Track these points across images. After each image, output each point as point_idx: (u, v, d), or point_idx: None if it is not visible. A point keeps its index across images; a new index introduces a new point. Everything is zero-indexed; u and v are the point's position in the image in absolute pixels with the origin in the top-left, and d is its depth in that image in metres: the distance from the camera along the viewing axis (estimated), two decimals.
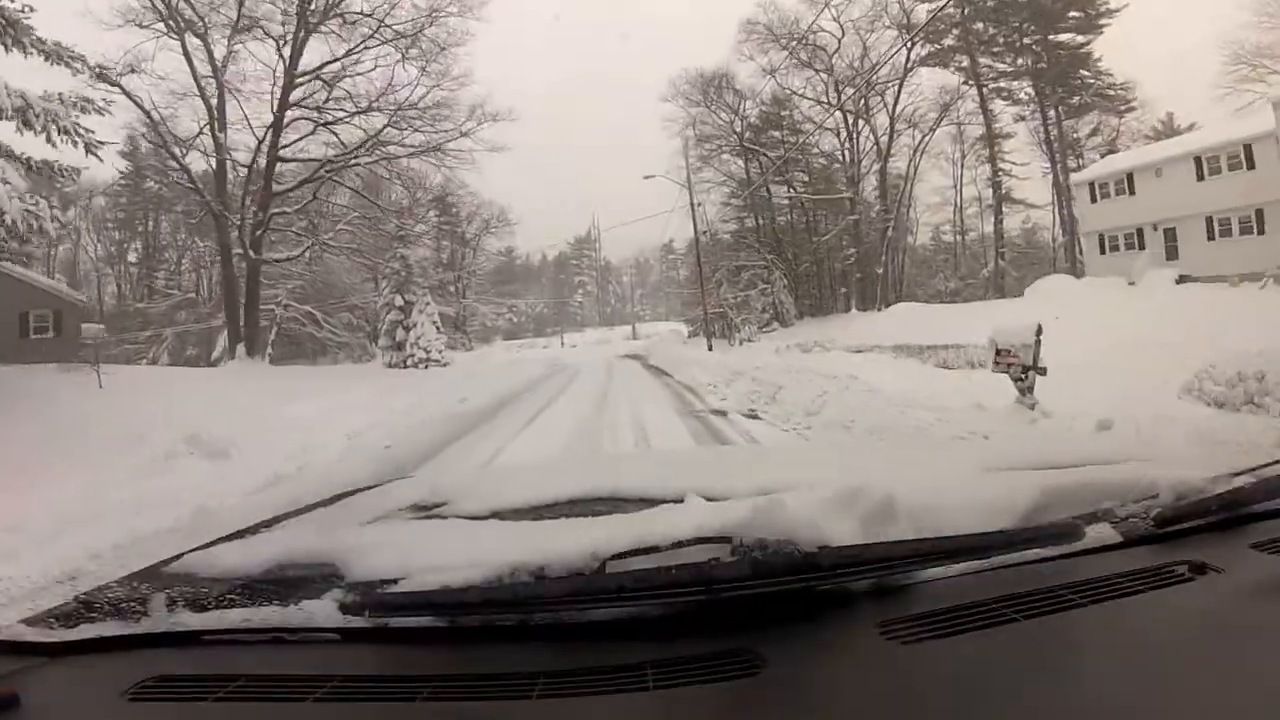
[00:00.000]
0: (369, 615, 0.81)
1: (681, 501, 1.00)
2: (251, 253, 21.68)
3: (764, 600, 0.76)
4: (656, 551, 0.81)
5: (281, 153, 22.88)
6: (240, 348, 21.36)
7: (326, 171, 23.23)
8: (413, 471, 6.37)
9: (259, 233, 21.96)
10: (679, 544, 0.81)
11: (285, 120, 22.63)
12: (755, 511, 0.81)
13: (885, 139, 32.93)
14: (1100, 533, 0.90)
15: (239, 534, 1.29)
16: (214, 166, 22.23)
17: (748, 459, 2.00)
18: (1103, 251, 24.33)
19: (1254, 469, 1.01)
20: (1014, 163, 33.62)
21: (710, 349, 26.91)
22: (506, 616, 0.80)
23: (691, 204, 29.52)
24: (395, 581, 0.83)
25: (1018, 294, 26.26)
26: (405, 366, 26.72)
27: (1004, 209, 33.60)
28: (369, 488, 1.71)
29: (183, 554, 1.12)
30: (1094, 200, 24.64)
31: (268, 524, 1.39)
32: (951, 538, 0.83)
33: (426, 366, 26.57)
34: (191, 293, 37.70)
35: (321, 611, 0.81)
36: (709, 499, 0.99)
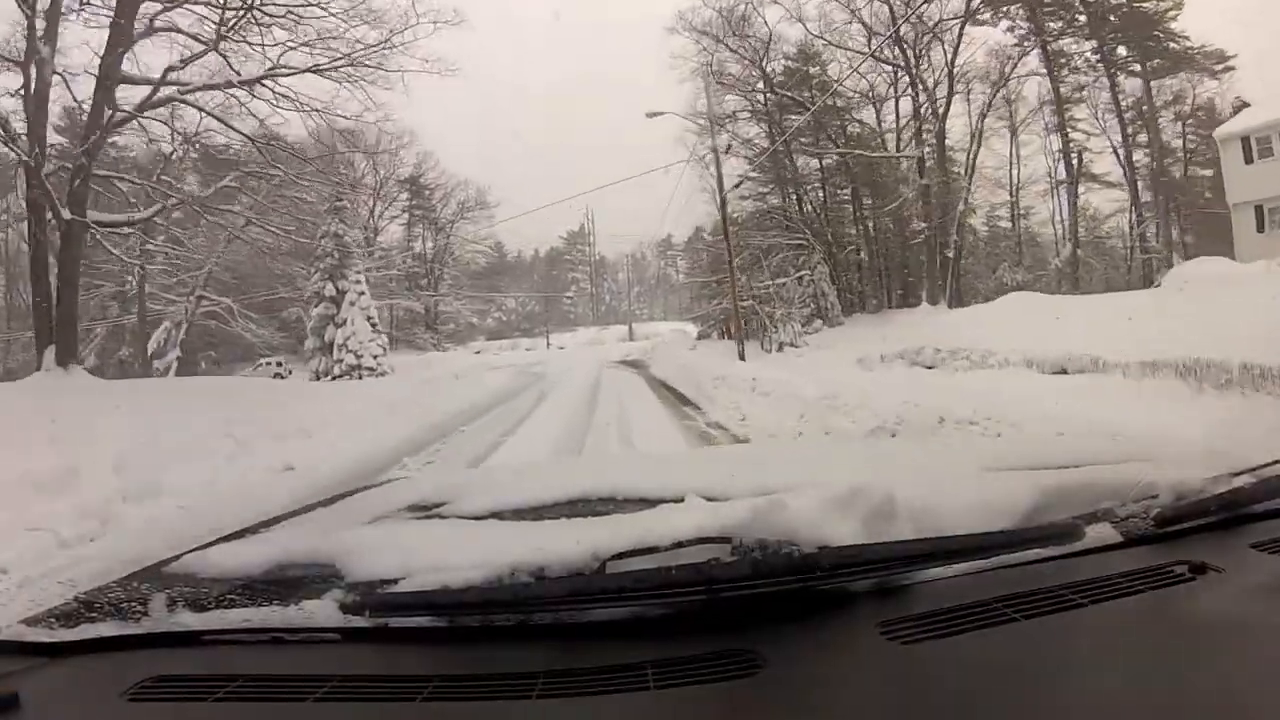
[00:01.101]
0: (369, 615, 0.81)
1: (681, 502, 1.00)
2: (67, 211, 13.39)
3: (764, 600, 0.76)
4: (656, 552, 0.81)
5: (129, 69, 13.95)
6: (50, 353, 12.87)
7: (182, 92, 14.57)
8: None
9: (78, 183, 13.75)
10: (679, 544, 0.81)
11: (139, 25, 13.82)
12: (755, 511, 0.81)
13: (939, 98, 25.06)
14: (1100, 533, 0.90)
15: (239, 534, 1.29)
16: (32, 91, 13.21)
17: (747, 459, 1.99)
18: (1261, 228, 18.23)
19: (1254, 469, 1.01)
20: (1087, 132, 26.24)
21: (742, 357, 19.24)
22: (506, 616, 0.80)
23: (716, 154, 21.04)
24: (395, 581, 0.83)
25: (1092, 289, 21.58)
26: (333, 376, 21.59)
27: (1079, 187, 26.17)
28: (369, 487, 1.71)
29: (182, 554, 1.12)
30: (1249, 160, 18.37)
31: (268, 524, 1.39)
32: (951, 538, 0.83)
33: (360, 376, 21.44)
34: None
35: (321, 611, 0.81)
36: (709, 499, 0.99)
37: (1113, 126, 25.95)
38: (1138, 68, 25.08)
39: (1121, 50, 24.99)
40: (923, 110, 25.50)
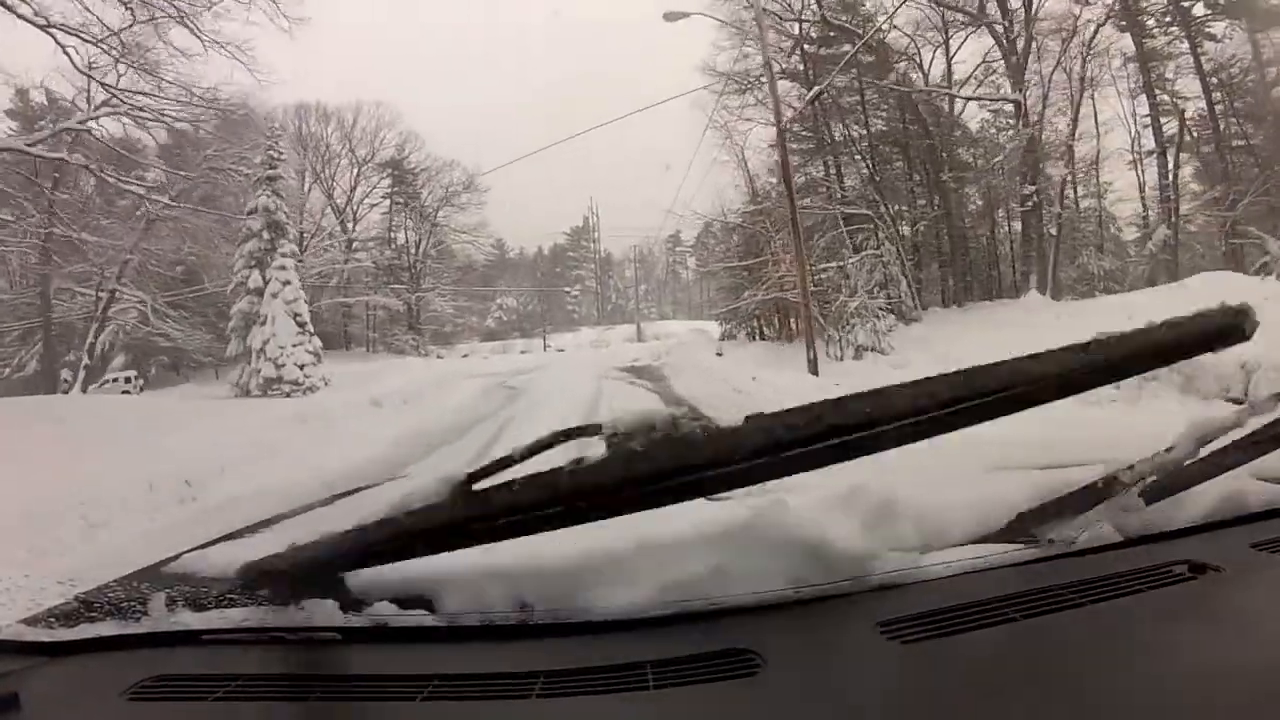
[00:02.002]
0: (369, 615, 0.81)
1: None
2: None
3: (763, 600, 0.76)
4: (656, 551, 0.81)
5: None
6: None
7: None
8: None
9: None
10: (678, 543, 0.81)
11: None
12: (755, 512, 0.81)
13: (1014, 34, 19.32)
14: (1100, 533, 0.90)
15: (239, 534, 1.29)
16: None
17: None
18: None
19: (1254, 469, 1.01)
20: (1179, 96, 20.16)
21: (813, 368, 13.78)
22: (506, 616, 0.80)
23: (768, 66, 15.45)
24: (395, 581, 0.83)
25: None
26: (249, 393, 16.91)
27: (1179, 157, 20.07)
28: (369, 487, 1.71)
29: (182, 554, 1.12)
30: None
31: (268, 523, 1.39)
32: (952, 537, 0.83)
33: (282, 392, 16.46)
34: None
35: (321, 611, 0.81)
36: (709, 499, 0.99)
37: (1187, 87, 20.09)
38: (1233, 21, 19.24)
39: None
40: (990, 59, 19.88)
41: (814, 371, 13.70)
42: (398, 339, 32.54)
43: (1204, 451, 0.90)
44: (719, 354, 21.59)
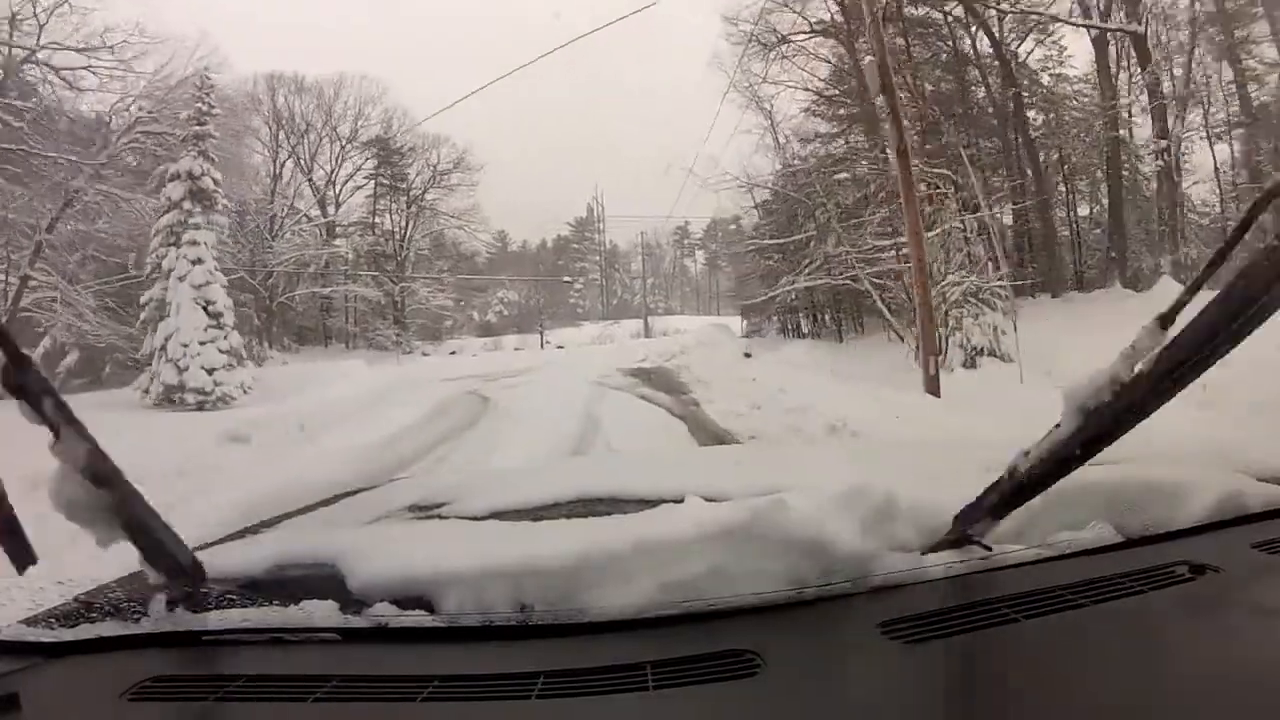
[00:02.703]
0: (369, 615, 0.81)
1: (681, 502, 1.00)
2: None
3: (764, 600, 0.76)
4: (657, 551, 0.81)
5: None
6: None
7: None
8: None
9: None
10: (679, 544, 0.81)
11: None
12: (755, 511, 0.81)
13: None
14: (1100, 533, 0.90)
15: (239, 534, 1.29)
16: None
17: (747, 459, 2.00)
18: None
19: (1254, 469, 1.02)
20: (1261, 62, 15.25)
21: (934, 387, 8.75)
22: (506, 616, 0.80)
23: None
24: (395, 581, 0.83)
25: None
26: (156, 403, 12.86)
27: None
28: (369, 488, 1.71)
29: None
30: None
31: (268, 524, 1.39)
32: (951, 537, 0.83)
33: (195, 405, 12.72)
34: None
35: (321, 611, 0.81)
36: (709, 499, 0.99)
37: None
38: None
39: None
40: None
41: (934, 390, 8.71)
42: (380, 334, 29.03)
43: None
44: (747, 354, 17.54)
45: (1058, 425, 0.76)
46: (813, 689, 0.67)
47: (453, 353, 31.78)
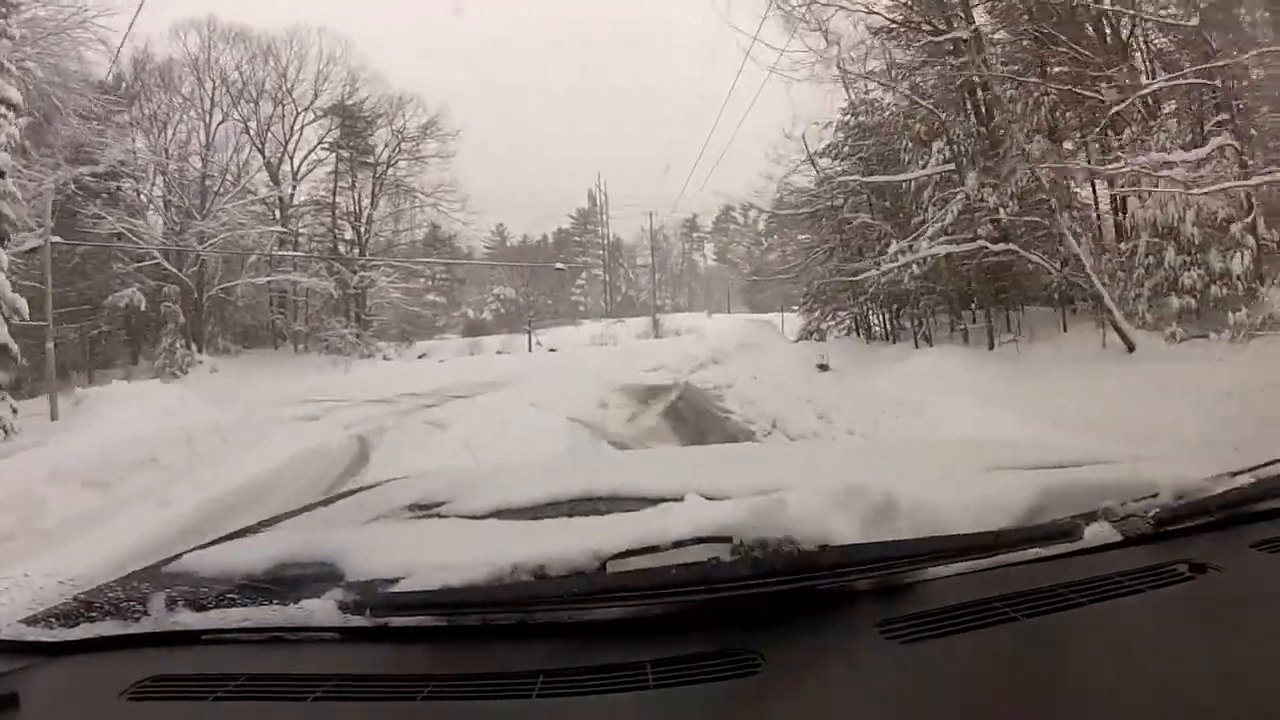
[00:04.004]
0: (369, 615, 0.81)
1: (681, 501, 1.00)
2: None
3: (764, 600, 0.76)
4: (657, 551, 0.81)
5: None
6: None
7: None
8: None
9: None
10: (679, 543, 0.81)
11: None
12: (755, 511, 0.81)
13: None
14: (1100, 532, 0.90)
15: (239, 534, 1.29)
16: None
17: (748, 459, 2.00)
18: None
19: (1254, 468, 1.02)
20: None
21: None
22: (507, 615, 0.80)
23: None
24: (395, 581, 0.83)
25: None
26: None
27: None
28: (369, 487, 1.71)
29: (182, 554, 1.12)
30: None
31: (268, 523, 1.39)
32: (951, 537, 0.83)
33: None
34: None
35: (321, 611, 0.81)
36: (709, 498, 0.99)
37: None
38: None
39: None
40: None
41: None
42: (332, 334, 24.58)
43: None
44: (822, 365, 12.55)
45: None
46: (812, 688, 0.67)
47: (421, 356, 27.04)
